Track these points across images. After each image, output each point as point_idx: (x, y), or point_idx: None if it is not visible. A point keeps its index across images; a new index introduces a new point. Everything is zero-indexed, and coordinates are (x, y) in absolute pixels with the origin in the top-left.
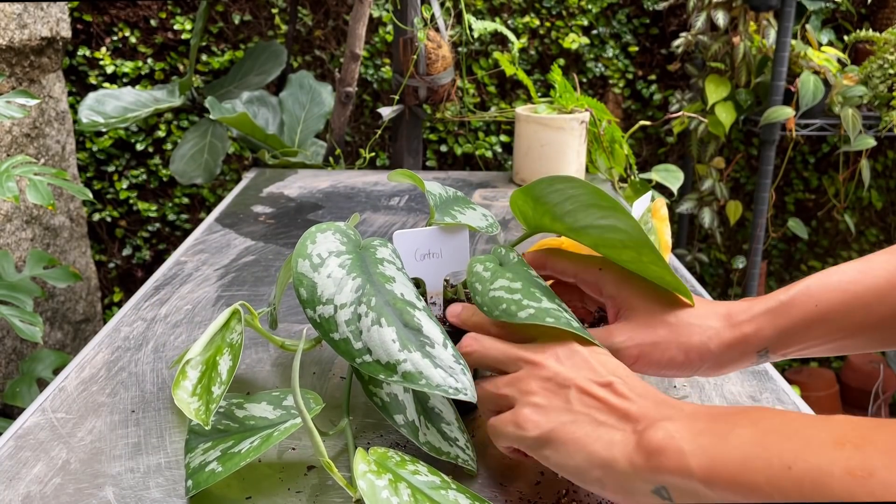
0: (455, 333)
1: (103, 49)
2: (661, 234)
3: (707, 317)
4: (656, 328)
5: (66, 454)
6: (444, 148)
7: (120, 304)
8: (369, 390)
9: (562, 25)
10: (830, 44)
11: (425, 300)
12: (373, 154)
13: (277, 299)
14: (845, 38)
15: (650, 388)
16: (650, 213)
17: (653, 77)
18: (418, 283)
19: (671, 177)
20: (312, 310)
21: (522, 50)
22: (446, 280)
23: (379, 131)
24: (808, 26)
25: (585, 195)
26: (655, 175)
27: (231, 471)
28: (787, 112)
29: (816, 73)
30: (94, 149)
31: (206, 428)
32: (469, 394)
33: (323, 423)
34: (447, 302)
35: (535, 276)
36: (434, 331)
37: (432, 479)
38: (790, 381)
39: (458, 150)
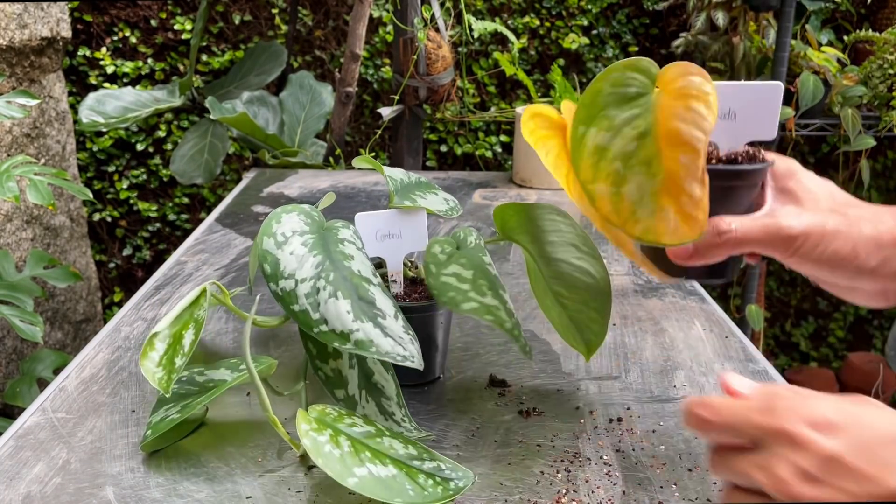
0: (409, 310)
1: (103, 49)
2: None
3: (879, 212)
4: (827, 214)
5: (67, 454)
6: (444, 148)
7: (120, 304)
8: (316, 364)
9: (561, 25)
10: (830, 44)
11: (385, 279)
12: (373, 154)
13: (252, 272)
14: (845, 38)
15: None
16: None
17: None
18: (381, 264)
19: None
20: (275, 283)
21: (522, 50)
22: (411, 261)
23: (379, 131)
24: (807, 26)
25: (572, 234)
26: None
27: (187, 414)
28: (787, 112)
29: (816, 73)
30: (95, 149)
31: (167, 395)
32: (416, 361)
33: (286, 389)
34: (407, 281)
35: (488, 264)
36: (386, 304)
37: (368, 429)
38: (790, 381)
39: (458, 150)
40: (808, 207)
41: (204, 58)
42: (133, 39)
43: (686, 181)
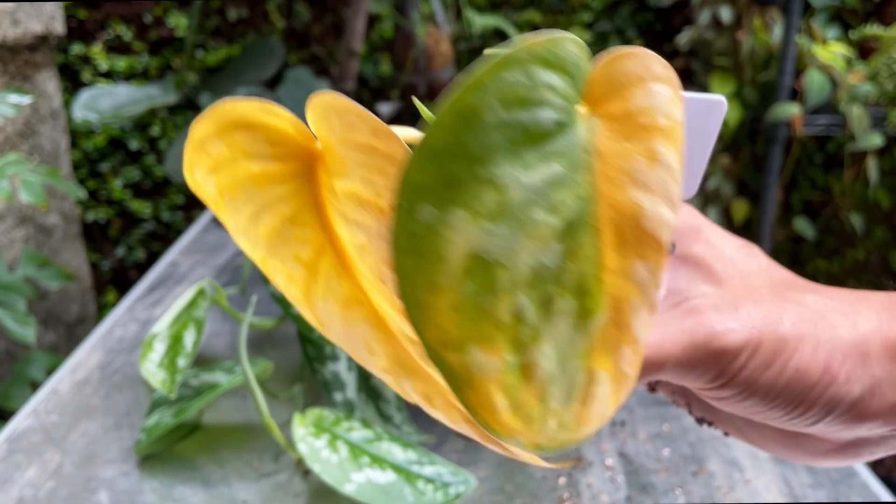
0: None
1: (97, 46)
2: None
3: (853, 301)
4: (776, 303)
5: (60, 458)
6: None
7: (114, 305)
8: (314, 367)
9: (564, 21)
10: (837, 40)
11: None
12: None
13: (245, 272)
14: (850, 34)
15: None
16: None
17: None
18: None
19: None
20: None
21: None
22: None
23: None
24: (812, 22)
25: None
26: None
27: (181, 418)
28: (793, 109)
29: (823, 69)
30: (89, 147)
31: (172, 396)
32: None
33: (282, 392)
34: None
35: None
36: None
37: (366, 433)
38: None
39: None
40: (737, 290)
41: (199, 54)
42: (128, 36)
43: (635, 315)
